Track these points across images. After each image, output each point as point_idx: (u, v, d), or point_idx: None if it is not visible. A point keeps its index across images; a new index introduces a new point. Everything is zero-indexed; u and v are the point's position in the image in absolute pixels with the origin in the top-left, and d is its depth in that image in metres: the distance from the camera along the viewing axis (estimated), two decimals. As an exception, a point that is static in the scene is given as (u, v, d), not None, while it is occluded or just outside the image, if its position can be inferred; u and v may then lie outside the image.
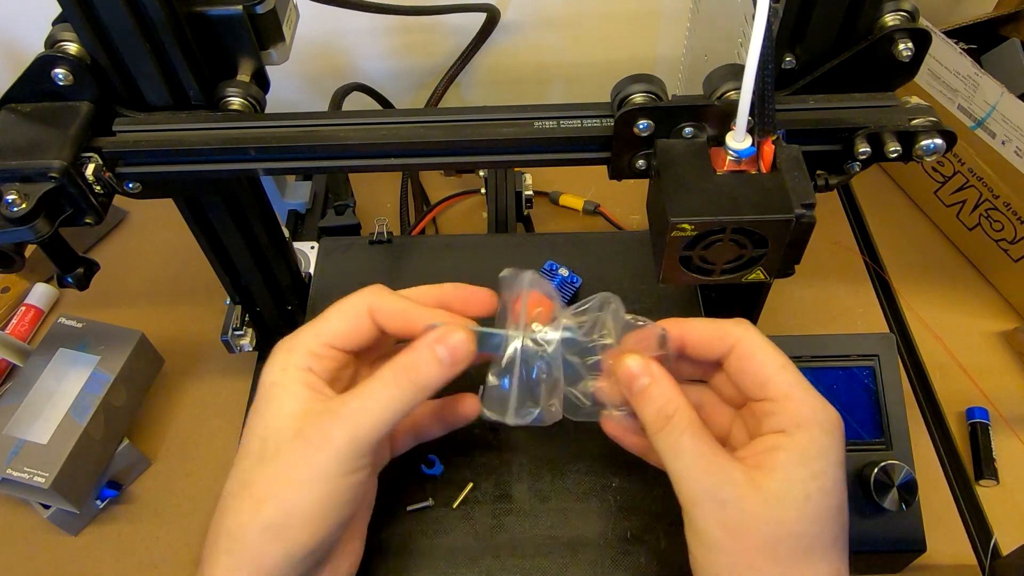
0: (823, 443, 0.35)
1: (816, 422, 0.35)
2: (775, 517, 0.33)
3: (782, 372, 0.36)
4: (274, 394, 0.37)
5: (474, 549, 0.45)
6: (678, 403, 0.36)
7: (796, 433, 0.35)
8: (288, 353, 0.38)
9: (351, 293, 0.39)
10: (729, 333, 0.37)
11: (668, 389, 0.36)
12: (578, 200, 0.75)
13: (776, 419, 0.36)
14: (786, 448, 0.35)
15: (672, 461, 0.35)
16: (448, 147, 0.40)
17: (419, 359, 0.36)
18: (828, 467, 0.34)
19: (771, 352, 0.37)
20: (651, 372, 0.37)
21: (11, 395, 0.54)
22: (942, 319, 0.66)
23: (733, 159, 0.36)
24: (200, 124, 0.40)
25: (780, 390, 0.36)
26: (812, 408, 0.35)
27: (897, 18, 0.40)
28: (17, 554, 0.55)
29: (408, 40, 0.79)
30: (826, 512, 0.34)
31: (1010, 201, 0.64)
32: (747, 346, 0.37)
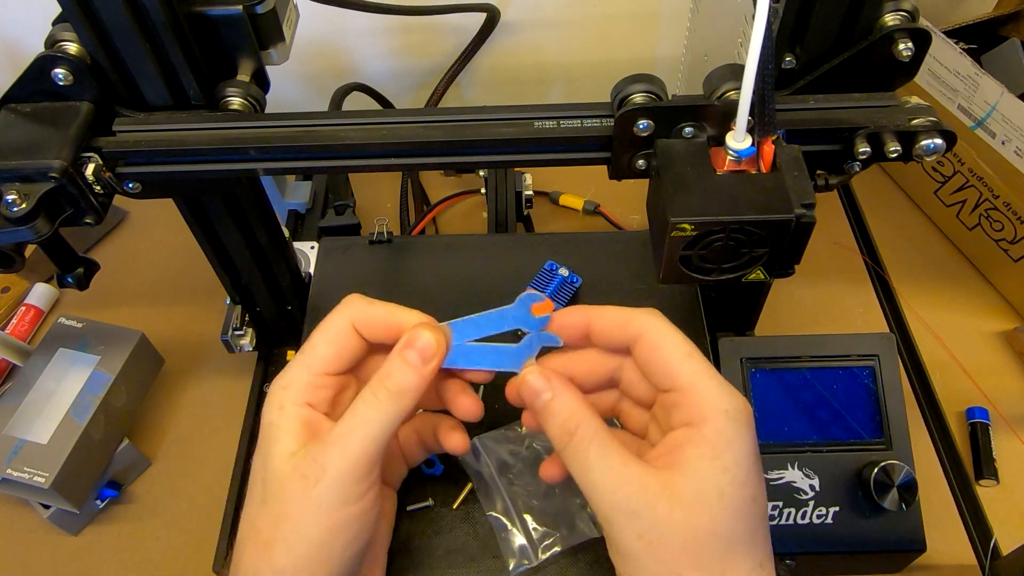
0: (731, 433, 0.33)
1: (721, 411, 0.34)
2: (691, 522, 0.32)
3: (687, 361, 0.35)
4: (272, 435, 0.36)
5: (474, 549, 0.44)
6: (581, 416, 0.35)
7: (703, 425, 0.34)
8: (284, 391, 0.37)
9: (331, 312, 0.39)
10: (633, 321, 0.36)
11: (570, 402, 0.35)
12: (578, 200, 0.75)
13: (682, 411, 0.35)
14: (694, 442, 0.33)
15: (582, 477, 0.34)
16: (448, 147, 0.40)
17: (391, 368, 0.36)
18: (739, 457, 0.33)
19: (677, 341, 0.36)
20: (552, 386, 0.36)
21: (11, 395, 0.54)
22: (942, 319, 0.66)
23: (733, 159, 0.36)
24: (200, 124, 0.40)
25: (685, 379, 0.35)
26: (717, 397, 0.34)
27: (897, 18, 0.40)
28: (17, 554, 0.55)
29: (408, 40, 0.79)
30: (742, 506, 0.33)
31: (1010, 201, 0.64)
32: (653, 336, 0.36)
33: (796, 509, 0.47)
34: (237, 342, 0.57)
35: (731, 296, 0.55)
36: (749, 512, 0.33)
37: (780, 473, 0.48)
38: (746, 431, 0.34)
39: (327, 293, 0.57)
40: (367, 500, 0.35)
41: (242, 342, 0.58)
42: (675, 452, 0.34)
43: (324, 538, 0.34)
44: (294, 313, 0.58)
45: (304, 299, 0.58)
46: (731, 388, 0.35)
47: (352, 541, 0.35)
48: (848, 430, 0.49)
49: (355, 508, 0.35)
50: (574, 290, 0.55)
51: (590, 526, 0.44)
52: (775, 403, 0.49)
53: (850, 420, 0.49)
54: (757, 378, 0.50)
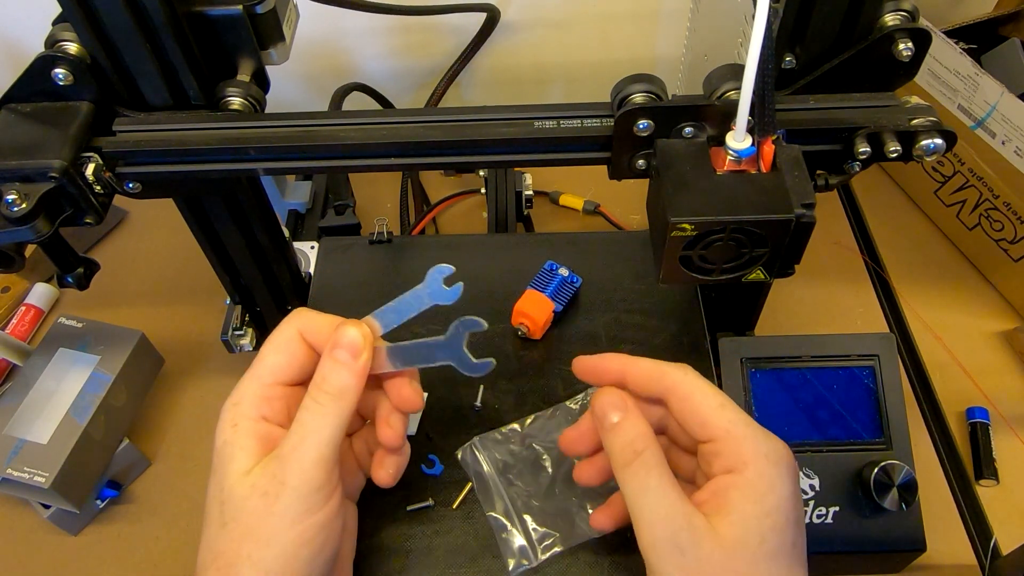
0: (771, 476, 0.34)
1: (762, 455, 0.35)
2: (730, 565, 0.33)
3: (720, 411, 0.36)
4: (227, 454, 0.36)
5: (474, 549, 0.44)
6: (650, 440, 0.36)
7: (744, 470, 0.34)
8: (235, 408, 0.37)
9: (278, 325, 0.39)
10: (666, 374, 0.37)
11: (641, 425, 0.37)
12: (578, 200, 0.75)
13: (723, 459, 0.35)
14: (737, 486, 0.34)
15: (636, 499, 0.35)
16: (448, 147, 0.40)
17: (324, 371, 0.37)
18: (780, 502, 0.34)
19: (708, 392, 0.37)
20: (626, 407, 0.37)
21: (11, 395, 0.54)
22: (942, 319, 0.66)
23: (733, 159, 0.37)
24: (200, 124, 0.40)
25: (721, 428, 0.36)
26: (755, 442, 0.35)
27: (897, 18, 0.40)
28: (17, 554, 0.55)
29: (408, 40, 0.79)
30: (779, 551, 0.34)
31: (1010, 201, 0.64)
32: (684, 388, 0.37)
33: (796, 509, 0.48)
34: (237, 342, 0.57)
35: (731, 296, 0.55)
36: (788, 558, 0.34)
37: (780, 473, 0.48)
38: (787, 473, 0.35)
39: (327, 293, 0.57)
40: (330, 507, 0.35)
41: (242, 342, 0.58)
42: (720, 497, 0.35)
43: (290, 552, 0.34)
44: (294, 313, 0.58)
45: (304, 299, 0.58)
46: (769, 433, 0.36)
47: (318, 552, 0.35)
48: (848, 430, 0.49)
49: (319, 517, 0.35)
50: (574, 290, 0.55)
51: (590, 527, 0.44)
52: (775, 403, 0.49)
53: (850, 420, 0.49)
54: (757, 378, 0.50)
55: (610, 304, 0.55)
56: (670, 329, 0.54)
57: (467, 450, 0.47)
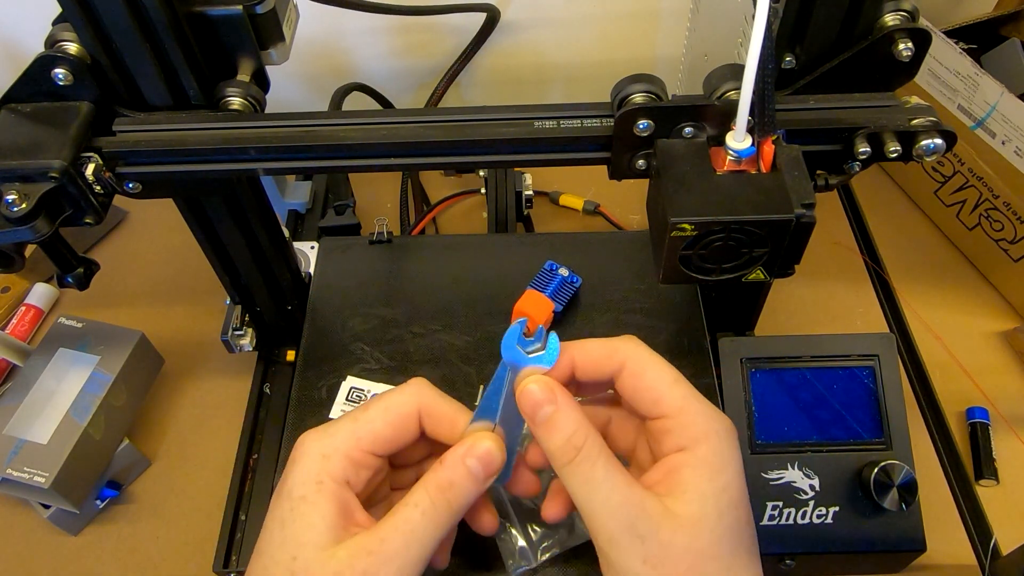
0: (724, 452, 0.34)
1: (713, 431, 0.34)
2: (694, 546, 0.32)
3: (674, 387, 0.35)
4: (304, 513, 0.33)
5: (474, 548, 0.44)
6: (586, 431, 0.34)
7: (697, 447, 0.34)
8: (324, 461, 0.34)
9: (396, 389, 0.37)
10: (618, 350, 0.36)
11: (575, 417, 0.34)
12: (578, 200, 0.75)
13: (675, 436, 0.34)
14: (691, 464, 0.34)
15: (585, 496, 0.33)
16: (448, 147, 0.40)
17: (453, 477, 0.34)
18: (733, 477, 0.34)
19: (660, 368, 0.36)
20: (555, 399, 0.34)
21: (11, 395, 0.54)
22: (942, 319, 0.66)
23: (733, 159, 0.36)
24: (200, 124, 0.40)
25: (674, 404, 0.35)
26: (708, 418, 0.34)
27: (897, 18, 0.40)
28: (17, 554, 0.55)
29: (408, 40, 0.79)
30: (738, 525, 0.34)
31: (1010, 201, 0.64)
32: (636, 364, 0.36)
33: (796, 509, 0.47)
34: (237, 342, 0.57)
35: (731, 296, 0.55)
36: (744, 531, 0.34)
37: (780, 473, 0.48)
38: (736, 450, 0.35)
39: (327, 293, 0.57)
40: None
41: (242, 342, 0.58)
42: (672, 476, 0.34)
43: None
44: (294, 313, 0.58)
45: (304, 299, 0.58)
46: (717, 409, 0.36)
47: None
48: (848, 430, 0.49)
49: None
50: (574, 290, 0.55)
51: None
52: (775, 403, 0.49)
53: (850, 420, 0.49)
54: (757, 378, 0.50)
55: (610, 304, 0.55)
56: (670, 329, 0.54)
57: None
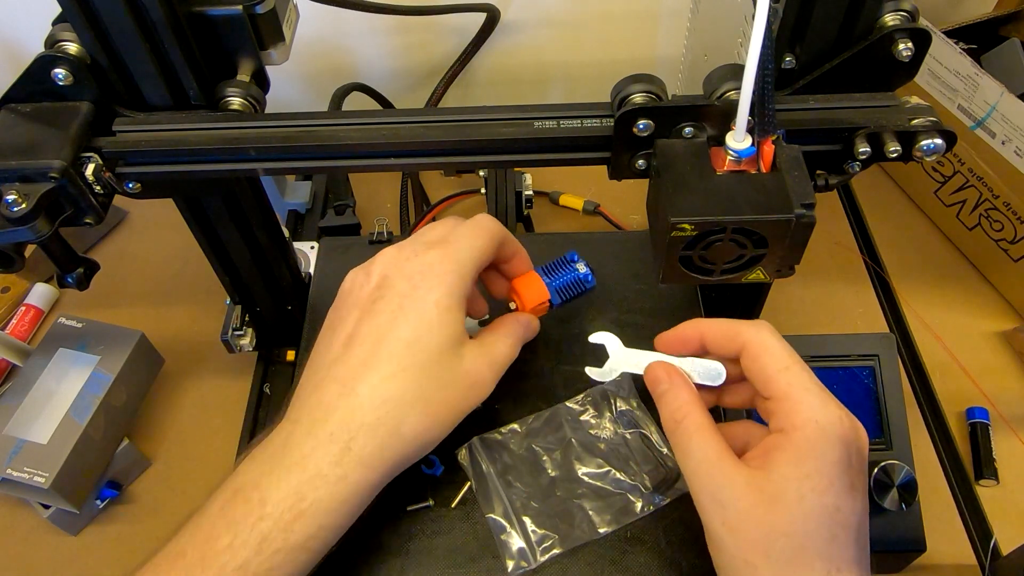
0: (818, 442, 0.35)
1: (812, 421, 0.36)
2: (767, 519, 0.35)
3: (784, 373, 0.37)
4: (449, 321, 0.39)
5: (473, 549, 0.44)
6: (689, 408, 0.39)
7: (792, 432, 0.36)
8: (461, 283, 0.40)
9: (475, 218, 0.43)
10: (741, 333, 0.39)
11: (684, 395, 0.39)
12: (578, 200, 0.75)
13: (777, 419, 0.37)
14: (782, 447, 0.36)
15: (683, 461, 0.38)
16: (448, 147, 0.40)
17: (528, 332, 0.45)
18: (823, 466, 0.35)
19: (777, 353, 0.38)
20: (670, 379, 0.40)
21: (11, 395, 0.54)
22: (942, 319, 0.66)
23: (733, 159, 0.37)
24: (200, 124, 0.40)
25: (779, 390, 0.37)
26: (810, 408, 0.36)
27: (897, 18, 0.40)
28: (17, 554, 0.55)
29: (408, 40, 0.79)
30: (820, 511, 0.35)
31: (1010, 201, 0.64)
32: (755, 347, 0.38)
33: (796, 509, 0.47)
34: (237, 342, 0.57)
35: (731, 296, 0.55)
36: (828, 519, 0.35)
37: (780, 473, 0.48)
38: (837, 443, 0.36)
39: (327, 293, 0.57)
40: None
41: (242, 342, 0.58)
42: (765, 456, 0.37)
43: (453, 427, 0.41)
44: (294, 313, 0.58)
45: (304, 299, 0.58)
46: (830, 402, 0.37)
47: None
48: (848, 430, 0.49)
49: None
50: (583, 289, 0.52)
51: (590, 527, 0.44)
52: (775, 403, 0.49)
53: (850, 420, 0.49)
54: (757, 378, 0.50)
55: (610, 304, 0.55)
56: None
57: (467, 450, 0.47)
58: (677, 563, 0.44)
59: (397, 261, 0.41)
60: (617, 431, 0.48)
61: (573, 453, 0.47)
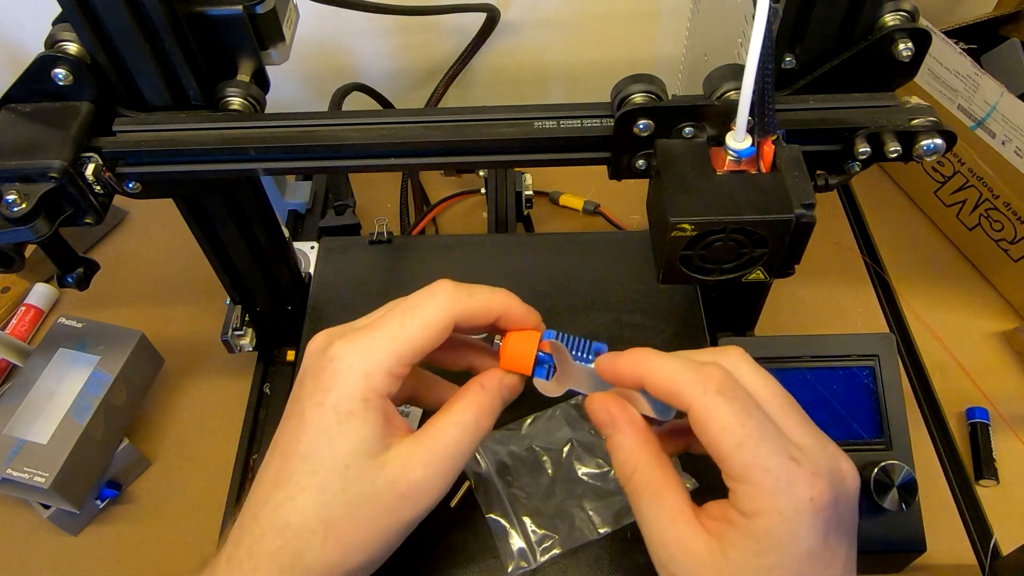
0: (782, 534, 0.31)
1: (775, 511, 0.31)
2: None
3: (737, 452, 0.32)
4: (353, 427, 0.34)
5: (473, 549, 0.44)
6: (637, 459, 0.34)
7: (753, 518, 0.31)
8: (367, 379, 0.35)
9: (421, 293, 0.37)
10: (683, 393, 0.33)
11: (629, 445, 0.35)
12: (578, 200, 0.75)
13: (734, 496, 0.32)
14: (741, 531, 0.32)
15: (639, 522, 0.35)
16: (448, 147, 0.40)
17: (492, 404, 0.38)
18: (787, 560, 0.31)
19: (726, 426, 0.32)
20: (614, 422, 0.36)
21: (11, 395, 0.54)
22: (942, 319, 0.66)
23: (733, 159, 0.36)
24: (200, 124, 0.40)
25: (734, 471, 0.32)
26: (772, 495, 0.31)
27: (897, 18, 0.40)
28: (17, 554, 0.55)
29: (408, 40, 0.79)
30: None
31: (1010, 201, 0.64)
32: (700, 414, 0.33)
33: (796, 509, 0.47)
34: (237, 342, 0.57)
35: (731, 296, 0.55)
36: None
37: (780, 473, 0.48)
38: (803, 532, 0.31)
39: (327, 293, 0.57)
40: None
41: (242, 342, 0.58)
42: (724, 527, 0.32)
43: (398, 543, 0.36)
44: (294, 313, 0.58)
45: (304, 299, 0.58)
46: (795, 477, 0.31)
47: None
48: (848, 430, 0.49)
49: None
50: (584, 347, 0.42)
51: (590, 528, 0.44)
52: (775, 403, 0.49)
53: (850, 420, 0.49)
54: (757, 378, 0.50)
55: (610, 304, 0.55)
56: (670, 329, 0.54)
57: None
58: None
59: (315, 352, 0.36)
60: None
61: (573, 453, 0.47)
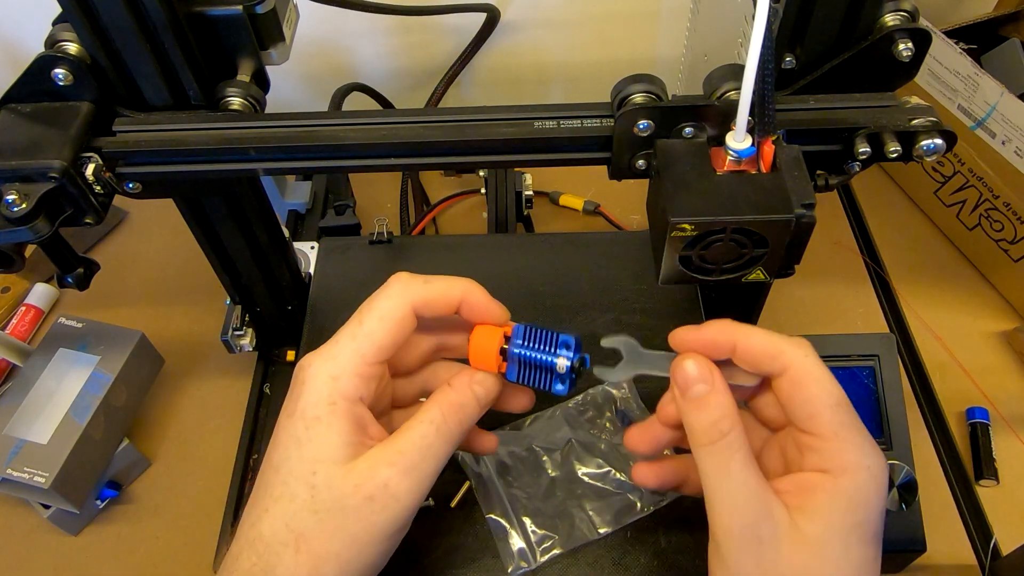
0: (869, 491, 0.33)
1: (864, 467, 0.33)
2: (810, 566, 0.32)
3: (834, 411, 0.34)
4: (320, 433, 0.34)
5: (474, 549, 0.44)
6: (735, 420, 0.34)
7: (841, 477, 0.33)
8: (334, 383, 0.34)
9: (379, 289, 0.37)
10: (784, 353, 0.34)
11: (728, 403, 0.34)
12: (578, 200, 0.75)
13: (820, 457, 0.33)
14: (829, 492, 0.33)
15: (715, 483, 0.33)
16: (448, 147, 0.40)
17: (463, 399, 0.36)
18: (871, 516, 0.33)
19: (825, 385, 0.34)
20: (712, 380, 0.34)
21: (11, 395, 0.54)
22: (942, 319, 0.66)
23: (733, 159, 0.36)
24: (200, 124, 0.40)
25: (829, 429, 0.33)
26: (861, 452, 0.33)
27: (897, 18, 0.40)
28: (17, 554, 0.55)
29: (408, 40, 0.79)
30: (861, 562, 0.33)
31: (1010, 201, 0.64)
32: (800, 373, 0.34)
33: (796, 509, 0.47)
34: (237, 342, 0.57)
35: (731, 296, 0.55)
36: (867, 570, 0.33)
37: (780, 473, 0.48)
38: (883, 492, 0.33)
39: (327, 293, 0.57)
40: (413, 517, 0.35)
41: (242, 342, 0.58)
42: (806, 494, 0.33)
43: (380, 558, 0.34)
44: (294, 313, 0.58)
45: (304, 299, 0.58)
46: (874, 443, 0.34)
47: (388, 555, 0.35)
48: (848, 430, 0.49)
49: (406, 530, 0.35)
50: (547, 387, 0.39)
51: (590, 528, 0.44)
52: (775, 403, 0.49)
53: (850, 420, 0.49)
54: (757, 378, 0.50)
55: (610, 304, 0.55)
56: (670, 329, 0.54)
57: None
58: (677, 563, 0.44)
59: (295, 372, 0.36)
60: (617, 431, 0.48)
61: (573, 453, 0.47)
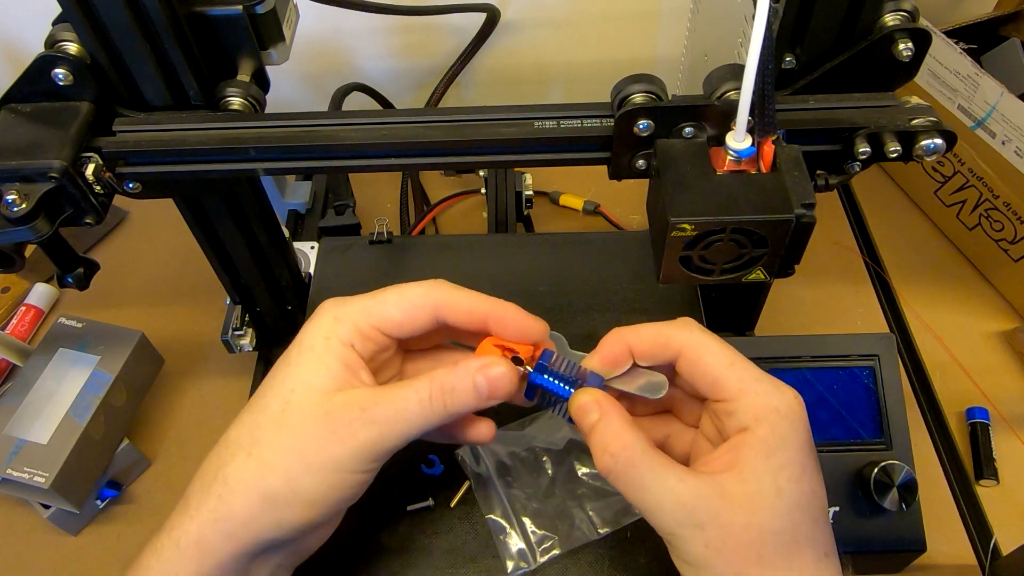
0: (783, 430, 0.34)
1: (773, 409, 0.34)
2: (753, 522, 0.33)
3: (731, 369, 0.35)
4: (309, 360, 0.36)
5: (473, 549, 0.45)
6: (628, 436, 0.35)
7: (757, 427, 0.34)
8: (335, 323, 0.37)
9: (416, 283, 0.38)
10: (672, 338, 0.37)
11: (615, 423, 0.35)
12: (578, 200, 0.75)
13: (736, 418, 0.35)
14: (749, 444, 0.34)
15: (639, 499, 0.34)
16: (448, 147, 0.40)
17: (457, 384, 0.36)
18: (794, 453, 0.34)
19: (717, 351, 0.36)
20: (601, 408, 0.36)
21: (11, 395, 0.54)
22: (942, 319, 0.66)
23: (733, 159, 0.36)
24: (200, 124, 0.40)
25: (732, 387, 0.35)
26: (767, 396, 0.35)
27: (897, 18, 0.40)
28: (17, 554, 0.55)
29: (408, 40, 0.79)
30: (801, 500, 0.34)
31: (1010, 201, 0.64)
32: (692, 350, 0.36)
33: (796, 509, 0.47)
34: (237, 342, 0.57)
35: (731, 296, 0.55)
36: (808, 504, 0.34)
37: (780, 473, 0.48)
38: (800, 425, 0.35)
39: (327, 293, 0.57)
40: (371, 474, 0.36)
41: (242, 342, 0.58)
42: (732, 455, 0.34)
43: (325, 489, 0.35)
44: (294, 313, 0.58)
45: (304, 299, 0.58)
46: (779, 385, 0.35)
47: (343, 499, 0.36)
48: (848, 430, 0.49)
49: (362, 476, 0.36)
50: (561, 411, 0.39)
51: (590, 528, 0.44)
52: (775, 403, 0.49)
53: (850, 420, 0.49)
54: (757, 378, 0.50)
55: (610, 304, 0.55)
56: (670, 329, 0.54)
57: (467, 450, 0.47)
58: (677, 563, 0.44)
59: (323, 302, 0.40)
60: None
61: (573, 453, 0.47)
